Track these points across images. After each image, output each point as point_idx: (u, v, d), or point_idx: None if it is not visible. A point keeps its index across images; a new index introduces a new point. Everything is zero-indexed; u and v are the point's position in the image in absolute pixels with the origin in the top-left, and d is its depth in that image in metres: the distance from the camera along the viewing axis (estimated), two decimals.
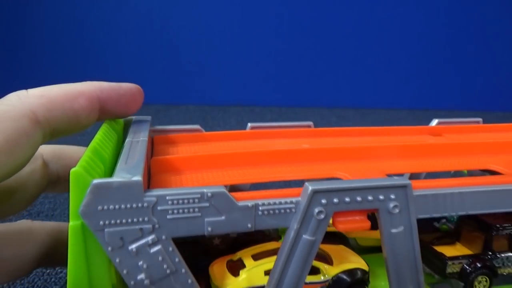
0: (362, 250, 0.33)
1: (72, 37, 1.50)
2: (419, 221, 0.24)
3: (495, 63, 1.30)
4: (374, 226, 0.23)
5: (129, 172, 0.19)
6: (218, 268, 0.26)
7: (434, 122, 0.39)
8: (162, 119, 1.05)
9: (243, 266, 0.26)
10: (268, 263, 0.25)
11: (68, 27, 1.51)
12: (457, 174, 0.35)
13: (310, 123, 0.37)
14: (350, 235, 0.34)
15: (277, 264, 0.22)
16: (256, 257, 0.26)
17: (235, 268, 0.26)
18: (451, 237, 0.32)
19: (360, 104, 1.26)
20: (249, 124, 0.36)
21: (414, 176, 0.35)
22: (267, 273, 0.25)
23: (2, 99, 0.22)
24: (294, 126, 0.36)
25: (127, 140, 0.25)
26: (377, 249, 0.32)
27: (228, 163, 0.27)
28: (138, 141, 0.25)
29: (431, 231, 0.33)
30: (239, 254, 0.27)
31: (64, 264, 0.20)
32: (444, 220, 0.36)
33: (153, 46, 1.50)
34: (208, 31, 1.45)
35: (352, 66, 1.34)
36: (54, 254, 0.27)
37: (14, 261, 0.25)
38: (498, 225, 0.30)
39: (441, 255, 0.29)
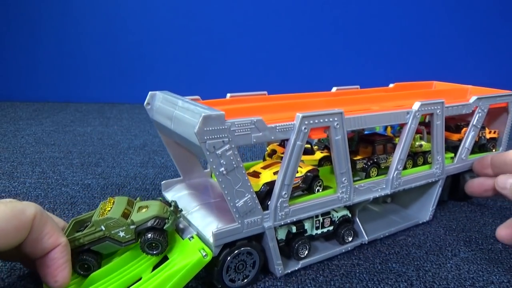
0: None
1: (70, 38, 1.46)
2: None
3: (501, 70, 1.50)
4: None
5: (215, 111, 0.35)
6: None
7: (334, 89, 0.62)
8: None
9: (259, 173, 0.43)
10: (274, 168, 0.43)
11: (63, 33, 1.45)
12: None
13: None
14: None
15: (284, 160, 0.40)
16: (264, 168, 0.44)
17: (253, 175, 0.43)
18: (355, 152, 0.55)
19: None
20: (228, 94, 0.52)
21: None
22: (275, 173, 0.42)
23: None
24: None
25: (180, 102, 0.39)
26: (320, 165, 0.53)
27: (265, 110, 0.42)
28: (192, 102, 0.39)
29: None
30: (252, 169, 0.44)
31: None
32: None
33: (155, 48, 1.50)
34: (204, 32, 1.49)
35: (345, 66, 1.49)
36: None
37: None
38: (377, 140, 0.54)
39: (353, 160, 0.52)
